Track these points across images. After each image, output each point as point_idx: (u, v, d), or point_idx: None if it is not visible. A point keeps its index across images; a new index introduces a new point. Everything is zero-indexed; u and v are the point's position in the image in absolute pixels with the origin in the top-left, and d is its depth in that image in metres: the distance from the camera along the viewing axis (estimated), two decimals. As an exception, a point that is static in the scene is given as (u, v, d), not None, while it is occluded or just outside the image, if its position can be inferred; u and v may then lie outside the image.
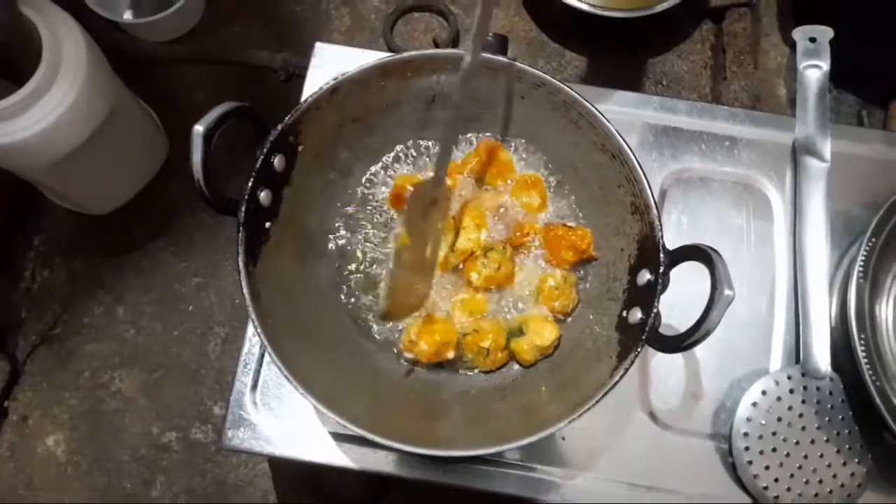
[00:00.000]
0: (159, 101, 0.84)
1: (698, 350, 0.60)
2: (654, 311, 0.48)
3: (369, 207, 0.60)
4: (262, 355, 0.60)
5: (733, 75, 0.85)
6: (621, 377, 0.47)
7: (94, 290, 0.81)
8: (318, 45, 0.68)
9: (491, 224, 0.58)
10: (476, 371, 0.56)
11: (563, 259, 0.57)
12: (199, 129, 0.45)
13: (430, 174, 0.55)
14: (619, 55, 0.85)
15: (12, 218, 0.83)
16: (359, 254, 0.58)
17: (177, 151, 0.84)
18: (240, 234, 0.49)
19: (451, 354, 0.55)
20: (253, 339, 0.60)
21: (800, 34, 0.67)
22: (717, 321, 0.44)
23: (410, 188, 0.57)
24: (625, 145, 0.52)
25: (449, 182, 0.58)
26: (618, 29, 0.83)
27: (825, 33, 0.66)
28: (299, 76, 0.79)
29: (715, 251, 0.45)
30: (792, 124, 0.65)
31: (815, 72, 0.65)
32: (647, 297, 0.49)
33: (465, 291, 0.57)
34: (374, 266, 0.58)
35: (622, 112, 0.65)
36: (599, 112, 0.53)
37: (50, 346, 0.79)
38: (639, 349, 0.47)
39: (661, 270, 0.48)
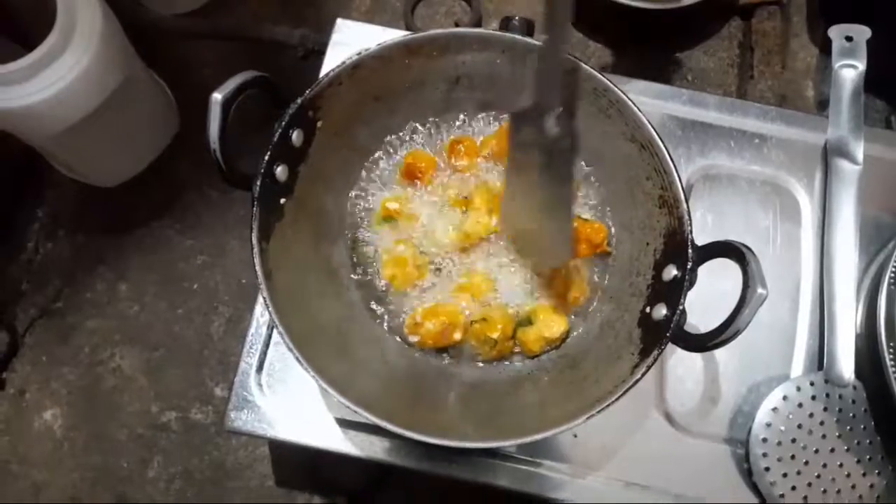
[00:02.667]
0: (171, 77, 0.82)
1: (718, 352, 0.59)
2: (681, 307, 0.46)
3: (385, 189, 0.58)
4: (269, 337, 0.58)
5: (760, 74, 0.83)
6: (643, 374, 0.45)
7: (97, 265, 0.79)
8: (339, 21, 0.66)
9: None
10: (488, 364, 0.54)
11: (578, 252, 0.55)
12: (217, 97, 0.43)
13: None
14: (644, 48, 0.83)
15: (16, 188, 0.81)
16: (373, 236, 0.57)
17: (187, 128, 0.82)
18: (254, 209, 0.47)
19: (457, 335, 0.53)
20: (260, 319, 0.59)
21: (836, 32, 0.65)
22: (747, 321, 0.42)
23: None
24: (656, 136, 0.50)
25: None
26: (644, 21, 0.81)
27: (862, 33, 0.64)
28: (318, 53, 0.77)
29: (748, 248, 0.44)
30: (824, 125, 0.63)
31: (850, 71, 0.64)
32: (672, 293, 0.47)
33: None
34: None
35: (649, 104, 0.64)
36: (631, 101, 0.51)
37: (50, 319, 0.77)
38: (663, 346, 0.45)
39: (689, 267, 0.47)
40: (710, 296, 0.49)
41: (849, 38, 0.64)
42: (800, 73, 0.82)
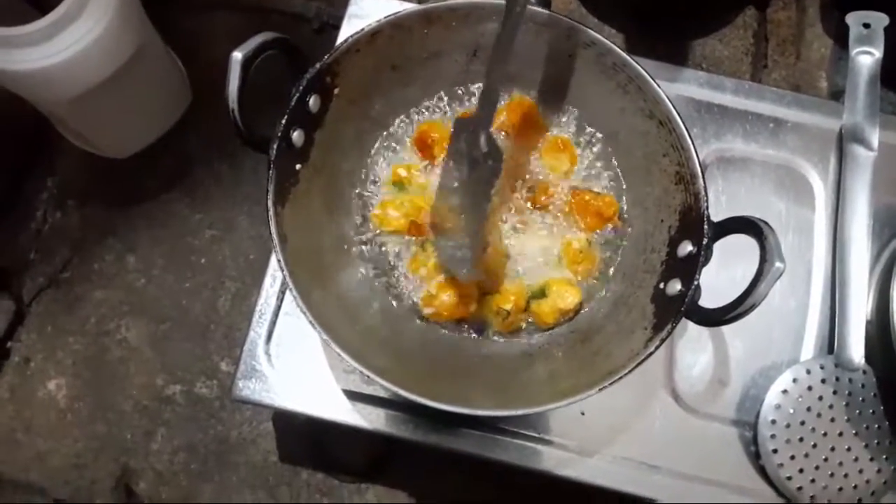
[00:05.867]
0: (183, 50, 0.82)
1: (728, 334, 0.59)
2: (696, 282, 0.46)
3: (399, 159, 0.58)
4: (278, 308, 0.58)
5: (774, 64, 0.82)
6: (657, 347, 0.45)
7: (105, 236, 0.79)
8: (355, -6, 0.66)
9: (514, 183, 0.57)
10: (500, 337, 0.54)
11: (589, 225, 0.56)
12: (237, 55, 0.43)
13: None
14: (660, 35, 0.83)
15: (25, 157, 0.81)
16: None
17: (198, 102, 0.82)
18: (270, 172, 0.47)
19: (472, 307, 0.53)
20: (270, 289, 0.59)
21: (853, 19, 0.65)
22: (764, 294, 0.42)
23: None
24: (674, 112, 0.50)
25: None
26: (660, 8, 0.81)
27: (880, 20, 0.64)
28: (333, 26, 0.77)
29: (765, 223, 0.43)
30: (839, 111, 0.63)
31: (866, 58, 0.63)
32: (688, 268, 0.47)
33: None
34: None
35: (665, 85, 0.62)
36: (651, 76, 0.51)
37: (57, 289, 0.77)
38: (677, 321, 0.45)
39: (704, 242, 0.47)
40: (720, 286, 0.48)
41: (866, 25, 0.64)
42: (813, 64, 0.82)
